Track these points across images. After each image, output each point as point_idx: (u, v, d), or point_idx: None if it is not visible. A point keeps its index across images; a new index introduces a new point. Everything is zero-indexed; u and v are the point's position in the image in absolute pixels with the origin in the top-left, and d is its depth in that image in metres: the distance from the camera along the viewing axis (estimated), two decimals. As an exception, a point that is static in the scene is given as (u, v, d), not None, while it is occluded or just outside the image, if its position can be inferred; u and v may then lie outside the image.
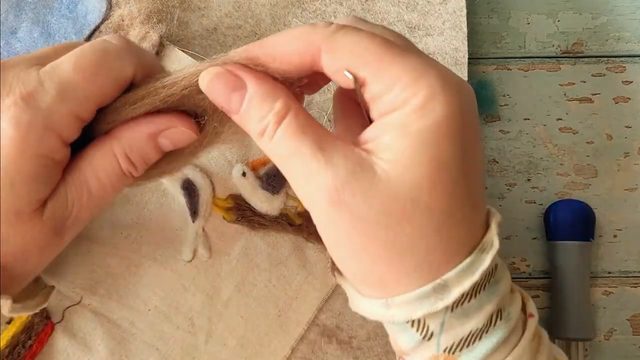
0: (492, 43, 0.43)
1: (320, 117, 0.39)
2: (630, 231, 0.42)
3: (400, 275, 0.24)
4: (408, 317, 0.25)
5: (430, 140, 0.23)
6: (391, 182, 0.24)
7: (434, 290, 0.24)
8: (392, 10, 0.40)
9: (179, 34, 0.39)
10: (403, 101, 0.24)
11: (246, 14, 0.40)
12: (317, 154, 0.24)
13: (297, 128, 0.25)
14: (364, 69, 0.24)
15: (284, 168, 0.26)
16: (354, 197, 0.24)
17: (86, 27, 0.38)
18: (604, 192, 0.42)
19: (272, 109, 0.25)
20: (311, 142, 0.25)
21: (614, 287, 0.42)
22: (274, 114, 0.25)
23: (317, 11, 0.40)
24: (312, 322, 0.38)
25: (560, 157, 0.43)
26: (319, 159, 0.24)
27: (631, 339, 0.42)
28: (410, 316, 0.25)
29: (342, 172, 0.24)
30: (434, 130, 0.23)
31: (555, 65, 0.43)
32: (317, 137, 0.25)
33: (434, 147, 0.23)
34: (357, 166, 0.24)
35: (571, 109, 0.43)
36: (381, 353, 0.38)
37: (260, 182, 0.38)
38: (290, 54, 0.25)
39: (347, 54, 0.25)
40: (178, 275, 0.38)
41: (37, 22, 0.38)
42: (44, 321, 0.37)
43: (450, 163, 0.24)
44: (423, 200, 0.24)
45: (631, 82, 0.43)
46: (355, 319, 0.39)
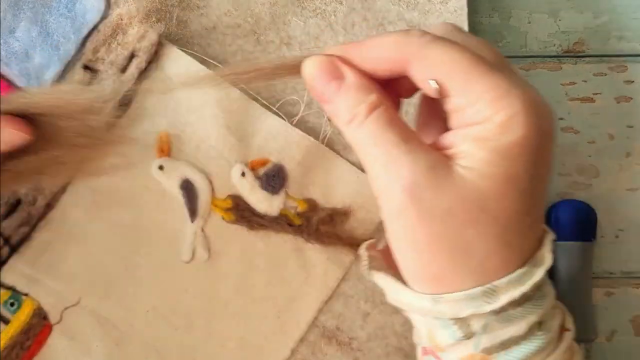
0: (493, 42, 0.43)
1: (320, 117, 0.39)
2: (632, 231, 0.42)
3: (456, 275, 0.26)
4: (454, 315, 0.26)
5: (506, 156, 0.25)
6: (464, 185, 0.25)
7: (484, 293, 0.25)
8: (392, 9, 0.40)
9: (178, 32, 0.39)
10: (485, 118, 0.25)
11: (245, 13, 0.40)
12: (401, 144, 0.25)
13: (387, 120, 0.26)
14: (450, 82, 0.26)
15: (365, 155, 0.27)
16: (427, 192, 0.25)
17: (85, 26, 0.38)
18: (605, 192, 0.42)
19: (366, 100, 0.27)
20: (397, 133, 0.26)
21: (615, 288, 0.42)
22: (367, 103, 0.27)
23: (317, 10, 0.40)
24: (312, 324, 0.38)
25: (562, 157, 0.43)
26: (402, 149, 0.25)
27: (633, 339, 0.41)
28: (457, 314, 0.26)
29: (422, 166, 0.25)
30: (512, 148, 0.25)
31: (556, 64, 0.43)
32: (403, 131, 0.26)
33: (509, 163, 0.25)
34: (437, 163, 0.25)
35: (573, 109, 0.43)
36: (381, 354, 0.38)
37: (260, 182, 0.38)
38: (383, 58, 0.27)
39: (436, 65, 0.26)
40: (177, 276, 0.38)
41: (35, 22, 0.37)
42: (42, 322, 0.37)
43: (521, 179, 0.25)
44: (490, 208, 0.25)
45: (633, 81, 0.43)
46: (355, 321, 0.38)
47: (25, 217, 0.36)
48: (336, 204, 0.39)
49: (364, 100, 0.27)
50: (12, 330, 0.36)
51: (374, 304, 0.39)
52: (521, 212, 0.25)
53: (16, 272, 0.36)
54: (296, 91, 0.39)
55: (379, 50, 0.27)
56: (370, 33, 0.40)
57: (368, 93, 0.27)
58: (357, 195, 0.39)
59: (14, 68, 0.37)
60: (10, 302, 0.36)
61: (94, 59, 0.37)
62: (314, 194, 0.39)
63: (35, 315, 0.36)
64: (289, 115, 0.39)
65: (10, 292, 0.36)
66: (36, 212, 0.37)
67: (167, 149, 0.38)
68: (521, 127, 0.25)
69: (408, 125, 0.27)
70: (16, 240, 0.36)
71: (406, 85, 0.28)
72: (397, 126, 0.26)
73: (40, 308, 0.37)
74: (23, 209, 0.36)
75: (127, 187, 0.38)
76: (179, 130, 0.38)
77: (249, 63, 0.29)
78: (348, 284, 0.39)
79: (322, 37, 0.40)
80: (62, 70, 0.37)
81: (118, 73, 0.37)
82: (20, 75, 0.37)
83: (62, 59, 0.37)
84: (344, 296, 0.39)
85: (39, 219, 0.37)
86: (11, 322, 0.36)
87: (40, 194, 0.37)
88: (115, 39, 0.38)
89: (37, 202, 0.37)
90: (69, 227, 0.37)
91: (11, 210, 0.36)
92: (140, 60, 0.37)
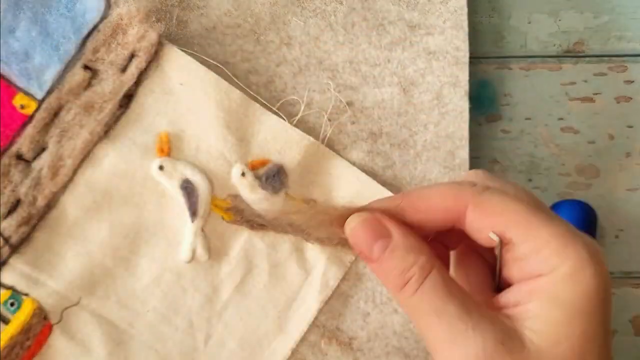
0: (493, 42, 0.43)
1: (320, 117, 0.39)
2: (632, 232, 0.42)
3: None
4: None
5: (582, 312, 0.23)
6: (541, 355, 0.23)
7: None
8: (392, 9, 0.40)
9: (178, 33, 0.39)
10: (551, 267, 0.24)
11: (245, 13, 0.40)
12: (464, 316, 0.24)
13: (444, 286, 0.25)
14: (512, 230, 0.25)
15: (425, 327, 0.25)
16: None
17: (85, 26, 0.38)
18: (605, 192, 0.42)
19: (417, 262, 0.25)
20: (458, 303, 0.24)
21: (615, 288, 0.42)
22: (419, 267, 0.25)
23: (317, 10, 0.40)
24: (312, 324, 0.38)
25: (561, 157, 0.43)
26: (467, 323, 0.24)
27: (633, 340, 0.41)
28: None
29: (491, 341, 0.23)
30: (586, 301, 0.23)
31: (556, 64, 0.43)
32: (462, 299, 0.25)
33: (586, 320, 0.24)
34: (505, 335, 0.24)
35: (573, 109, 0.43)
36: (381, 354, 0.38)
37: (260, 182, 0.38)
38: (438, 208, 0.26)
39: (496, 214, 0.25)
40: (177, 276, 0.38)
41: (35, 21, 0.37)
42: (42, 322, 0.37)
43: (598, 335, 0.24)
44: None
45: (633, 81, 0.43)
46: (355, 320, 0.38)
47: (25, 217, 0.36)
48: (336, 204, 0.39)
49: (414, 262, 0.25)
50: (12, 330, 0.36)
51: (374, 304, 0.39)
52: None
53: (16, 272, 0.36)
54: (296, 91, 0.40)
55: (434, 200, 0.26)
56: (370, 33, 0.40)
57: (418, 254, 0.25)
58: (357, 195, 0.39)
59: (14, 68, 0.37)
60: (10, 302, 0.36)
61: (94, 59, 0.37)
62: (314, 194, 0.39)
63: (35, 315, 0.36)
64: (289, 115, 0.39)
65: (10, 292, 0.36)
66: (36, 212, 0.37)
67: (167, 149, 0.38)
68: (592, 277, 0.23)
69: (464, 290, 0.25)
70: (16, 240, 0.36)
71: (453, 237, 0.28)
72: (457, 292, 0.25)
73: (41, 308, 0.37)
74: (23, 208, 0.36)
75: (127, 187, 0.38)
76: (179, 130, 0.38)
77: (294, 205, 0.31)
78: (348, 284, 0.39)
79: (322, 37, 0.40)
80: (62, 70, 0.37)
81: (118, 73, 0.37)
82: (20, 75, 0.37)
83: (62, 59, 0.37)
84: (344, 296, 0.39)
85: (39, 219, 0.37)
86: (11, 322, 0.36)
87: (40, 194, 0.37)
88: (115, 39, 0.38)
89: (37, 202, 0.37)
90: (68, 227, 0.37)
91: (11, 210, 0.36)
92: (140, 60, 0.37)
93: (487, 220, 0.26)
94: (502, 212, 0.25)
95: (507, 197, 0.25)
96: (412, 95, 0.40)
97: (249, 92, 0.39)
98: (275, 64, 0.40)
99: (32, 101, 0.37)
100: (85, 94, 0.37)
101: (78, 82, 0.37)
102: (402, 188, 0.39)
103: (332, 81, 0.40)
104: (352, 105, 0.40)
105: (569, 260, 0.24)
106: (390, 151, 0.39)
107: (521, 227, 0.25)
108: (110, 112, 0.37)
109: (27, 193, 0.36)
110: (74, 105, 0.37)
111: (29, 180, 0.36)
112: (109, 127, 0.38)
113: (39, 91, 0.37)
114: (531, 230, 0.25)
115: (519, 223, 0.25)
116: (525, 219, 0.25)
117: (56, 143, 0.37)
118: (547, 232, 0.24)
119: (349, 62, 0.40)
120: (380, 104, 0.40)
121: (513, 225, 0.25)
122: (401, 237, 0.26)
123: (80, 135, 0.37)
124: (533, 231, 0.25)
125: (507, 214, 0.25)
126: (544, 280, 0.24)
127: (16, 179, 0.36)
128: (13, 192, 0.36)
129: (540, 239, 0.24)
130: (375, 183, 0.39)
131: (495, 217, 0.25)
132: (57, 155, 0.37)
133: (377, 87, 0.40)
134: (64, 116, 0.37)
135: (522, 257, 0.25)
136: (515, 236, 0.25)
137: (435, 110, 0.40)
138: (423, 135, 0.40)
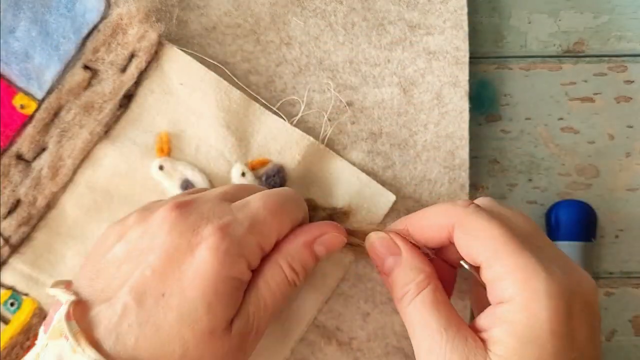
0: (493, 42, 0.43)
1: (320, 117, 0.39)
2: (632, 231, 0.42)
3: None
4: None
5: (534, 342, 0.26)
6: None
7: None
8: (392, 9, 0.40)
9: (178, 32, 0.39)
10: (510, 297, 0.26)
11: (245, 13, 0.40)
12: (442, 331, 0.27)
13: (432, 302, 0.29)
14: (482, 255, 0.27)
15: (412, 334, 0.29)
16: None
17: (84, 26, 0.38)
18: (605, 192, 0.42)
19: (415, 280, 0.29)
20: (439, 319, 0.28)
21: (615, 288, 0.42)
22: (416, 283, 0.29)
23: (317, 10, 0.40)
24: (311, 323, 0.38)
25: (561, 157, 0.43)
26: (442, 337, 0.27)
27: (633, 340, 0.41)
28: None
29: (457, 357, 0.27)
30: (538, 332, 0.25)
31: (556, 64, 0.43)
32: (446, 315, 0.28)
33: (537, 350, 0.25)
34: (471, 355, 0.26)
35: (572, 109, 0.43)
36: (381, 354, 0.38)
37: (260, 182, 0.38)
38: (434, 225, 0.30)
39: (473, 236, 0.28)
40: (177, 276, 0.38)
41: (35, 21, 0.37)
42: (42, 322, 0.37)
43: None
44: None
45: (633, 81, 0.43)
46: (355, 320, 0.38)
47: (25, 217, 0.36)
48: (336, 204, 0.39)
49: (413, 279, 0.29)
50: (12, 330, 0.36)
51: (374, 304, 0.39)
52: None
53: (16, 272, 0.37)
54: (296, 91, 0.40)
55: (431, 218, 0.30)
56: (370, 33, 0.40)
57: (418, 273, 0.29)
58: (357, 195, 0.39)
59: (14, 68, 0.37)
60: (10, 302, 0.36)
61: (94, 59, 0.37)
62: (314, 194, 0.39)
63: (35, 315, 0.36)
64: (289, 115, 0.39)
65: (10, 292, 0.36)
66: (36, 212, 0.37)
67: (167, 149, 0.38)
68: (544, 310, 0.25)
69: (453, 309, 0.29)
70: (16, 240, 0.36)
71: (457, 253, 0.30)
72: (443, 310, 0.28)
73: (41, 308, 0.37)
74: (23, 209, 0.36)
75: (127, 187, 0.38)
76: (179, 130, 0.38)
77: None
78: (348, 284, 0.39)
79: (322, 37, 0.40)
80: (62, 70, 0.37)
81: (118, 73, 0.37)
82: (20, 75, 0.37)
83: (62, 59, 0.37)
84: (344, 296, 0.39)
85: (39, 219, 0.37)
86: (11, 322, 0.36)
87: (40, 194, 0.37)
88: (115, 39, 0.37)
89: (37, 202, 0.37)
90: (68, 227, 0.37)
91: (11, 211, 0.36)
92: (140, 60, 0.37)
93: (465, 240, 0.28)
94: (478, 236, 0.28)
95: (492, 222, 0.27)
96: (412, 95, 0.40)
97: (249, 92, 0.39)
98: (275, 64, 0.40)
99: (32, 101, 0.37)
100: (85, 94, 0.37)
101: (78, 82, 0.37)
102: (402, 188, 0.39)
103: (332, 81, 0.40)
104: (352, 105, 0.40)
105: (525, 292, 0.26)
106: (390, 151, 0.39)
107: (491, 253, 0.27)
108: (110, 112, 0.37)
109: (27, 193, 0.36)
110: (74, 105, 0.37)
111: (29, 181, 0.36)
112: (109, 127, 0.38)
113: (39, 91, 0.37)
114: (499, 259, 0.27)
115: (490, 249, 0.27)
116: (499, 246, 0.27)
117: (56, 143, 0.37)
118: (514, 262, 0.26)
119: (349, 62, 0.40)
120: (380, 104, 0.40)
121: (484, 250, 0.27)
122: (407, 254, 0.30)
123: (80, 135, 0.37)
124: (501, 259, 0.27)
125: (483, 238, 0.27)
126: (504, 308, 0.26)
127: (16, 179, 0.36)
128: (13, 192, 0.36)
129: (506, 268, 0.27)
130: (375, 183, 0.39)
131: (472, 239, 0.28)
132: (57, 155, 0.37)
133: (377, 87, 0.40)
134: (64, 116, 0.37)
135: (488, 283, 0.27)
136: (484, 260, 0.27)
137: (435, 110, 0.40)
138: (423, 135, 0.40)
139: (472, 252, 0.28)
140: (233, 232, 0.29)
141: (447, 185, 0.39)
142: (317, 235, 0.32)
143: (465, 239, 0.28)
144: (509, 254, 0.27)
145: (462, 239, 0.29)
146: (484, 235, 0.27)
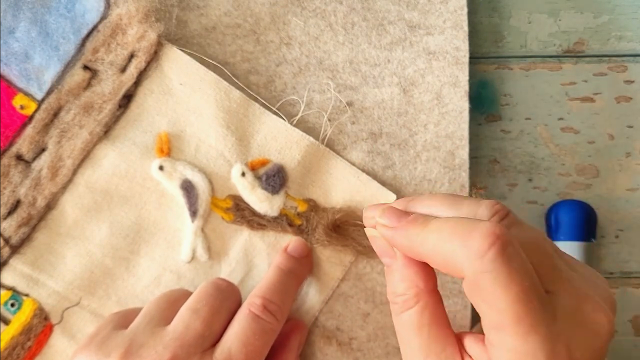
0: (493, 42, 0.43)
1: (320, 117, 0.39)
2: (632, 232, 0.42)
3: None
4: None
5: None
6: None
7: None
8: (392, 9, 0.40)
9: (178, 32, 0.39)
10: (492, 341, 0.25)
11: (245, 13, 0.40)
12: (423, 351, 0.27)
13: (416, 322, 0.27)
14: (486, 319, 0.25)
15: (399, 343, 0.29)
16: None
17: (84, 26, 0.38)
18: (605, 192, 0.42)
19: (404, 295, 0.28)
20: (420, 345, 0.27)
21: (615, 288, 0.42)
22: (404, 300, 0.28)
23: (317, 10, 0.40)
24: (312, 324, 0.38)
25: (561, 157, 0.42)
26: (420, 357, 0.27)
27: (633, 340, 0.41)
28: None
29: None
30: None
31: (556, 64, 0.43)
32: (427, 338, 0.27)
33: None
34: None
35: (572, 109, 0.43)
36: (381, 355, 0.38)
37: (260, 182, 0.38)
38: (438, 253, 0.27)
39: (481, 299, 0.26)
40: (177, 276, 0.38)
41: (35, 22, 0.37)
42: (43, 322, 0.37)
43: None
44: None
45: (633, 81, 0.43)
46: (355, 321, 0.38)
47: (25, 217, 0.36)
48: (336, 204, 0.39)
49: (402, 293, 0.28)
50: (12, 330, 0.36)
51: (374, 304, 0.39)
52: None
53: (16, 273, 0.37)
54: (296, 91, 0.39)
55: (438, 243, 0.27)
56: (370, 33, 0.40)
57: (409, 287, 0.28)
58: (357, 195, 0.39)
59: (14, 68, 0.37)
60: (10, 303, 0.36)
61: (93, 59, 0.37)
62: (314, 194, 0.39)
63: (35, 316, 0.36)
64: (289, 115, 0.39)
65: (10, 293, 0.36)
66: (36, 213, 0.37)
67: (167, 149, 0.38)
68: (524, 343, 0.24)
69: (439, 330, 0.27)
70: (16, 241, 0.36)
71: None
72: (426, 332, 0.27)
73: (41, 308, 0.37)
74: (23, 209, 0.36)
75: (127, 187, 0.38)
76: (179, 130, 0.38)
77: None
78: (348, 284, 0.39)
79: (322, 37, 0.40)
80: (61, 71, 0.37)
81: (118, 73, 0.37)
82: (20, 75, 0.37)
83: (62, 59, 0.37)
84: (344, 296, 0.39)
85: (39, 219, 0.37)
86: (12, 322, 0.36)
87: (40, 194, 0.37)
88: (114, 39, 0.37)
89: (37, 202, 0.37)
90: (68, 228, 0.37)
91: (11, 211, 0.36)
92: (139, 60, 0.37)
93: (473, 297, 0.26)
94: (488, 301, 0.25)
95: (509, 289, 0.25)
96: (412, 96, 0.40)
97: (249, 92, 0.39)
98: (275, 64, 0.40)
99: (31, 102, 0.37)
100: (84, 94, 0.37)
101: (78, 83, 0.37)
102: (402, 188, 0.39)
103: (332, 81, 0.40)
104: (352, 105, 0.40)
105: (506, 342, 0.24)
106: (390, 151, 0.39)
107: (496, 324, 0.25)
108: (110, 113, 0.37)
109: (27, 194, 0.36)
110: (74, 106, 0.37)
111: (28, 181, 0.36)
112: (109, 127, 0.38)
113: (39, 92, 0.37)
114: (503, 335, 0.25)
115: (495, 320, 0.25)
116: (507, 320, 0.24)
117: (56, 143, 0.37)
118: (517, 346, 0.25)
119: (349, 62, 0.40)
120: (380, 104, 0.40)
121: (490, 319, 0.25)
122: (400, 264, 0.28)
123: (80, 135, 0.37)
124: (504, 337, 0.25)
125: (494, 308, 0.25)
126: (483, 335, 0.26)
127: (16, 180, 0.36)
128: (13, 193, 0.36)
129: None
130: (375, 183, 0.39)
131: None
132: (56, 156, 0.37)
133: (377, 87, 0.40)
134: (63, 116, 0.37)
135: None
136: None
137: (435, 110, 0.40)
138: (423, 135, 0.40)
139: (478, 309, 0.26)
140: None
141: (447, 185, 0.39)
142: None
143: (473, 296, 0.25)
144: (515, 336, 0.24)
145: (470, 293, 0.25)
146: (495, 305, 0.24)
